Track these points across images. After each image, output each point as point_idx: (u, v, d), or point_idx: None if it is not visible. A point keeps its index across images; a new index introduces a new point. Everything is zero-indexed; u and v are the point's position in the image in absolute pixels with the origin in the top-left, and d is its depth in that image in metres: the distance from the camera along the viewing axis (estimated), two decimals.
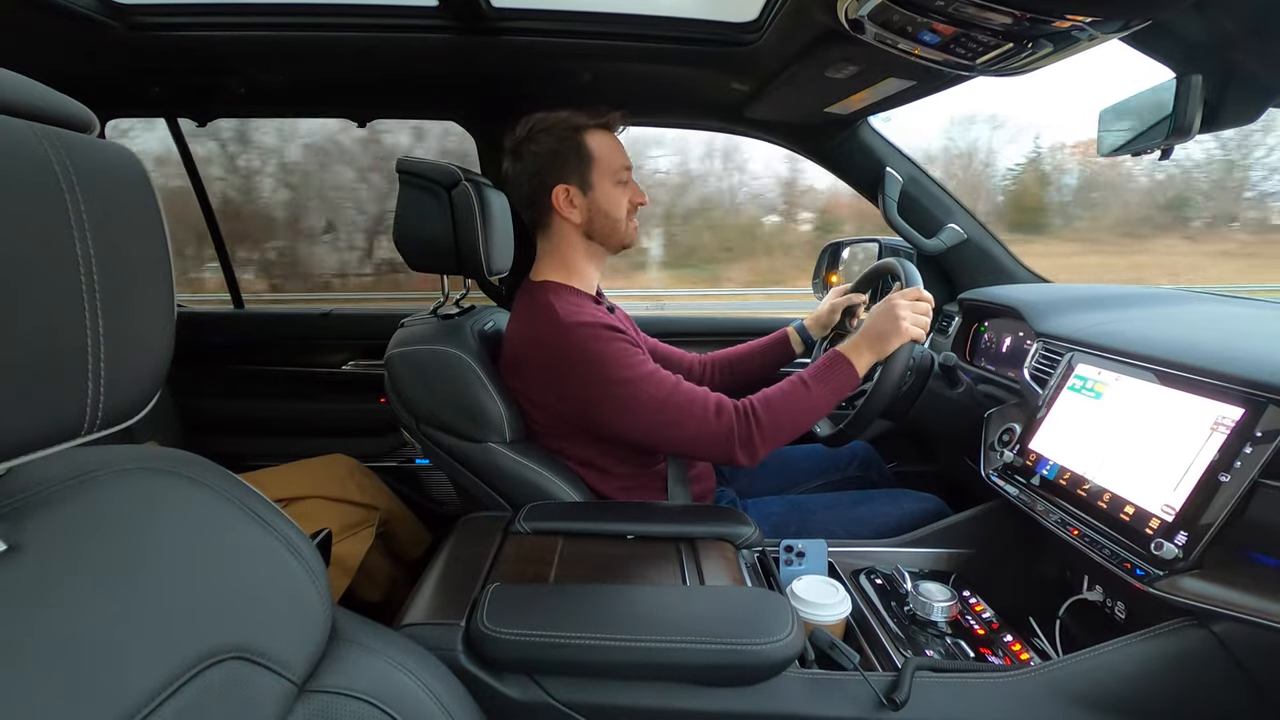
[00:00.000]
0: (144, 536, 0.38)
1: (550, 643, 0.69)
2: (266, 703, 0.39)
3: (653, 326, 1.40)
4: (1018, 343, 1.24)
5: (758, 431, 0.95)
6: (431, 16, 1.17)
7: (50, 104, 0.32)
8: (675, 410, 0.96)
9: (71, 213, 0.30)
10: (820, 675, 0.71)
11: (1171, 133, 0.83)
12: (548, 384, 1.01)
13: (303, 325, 1.87)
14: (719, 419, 0.95)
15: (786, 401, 0.98)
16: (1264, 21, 0.74)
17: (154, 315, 0.35)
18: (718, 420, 0.95)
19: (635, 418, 0.97)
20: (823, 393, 0.99)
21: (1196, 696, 0.67)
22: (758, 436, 0.95)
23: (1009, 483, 0.96)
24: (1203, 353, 0.77)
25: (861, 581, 0.97)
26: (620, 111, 1.09)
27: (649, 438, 0.98)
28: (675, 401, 0.96)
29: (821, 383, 0.99)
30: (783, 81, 1.23)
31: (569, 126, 1.05)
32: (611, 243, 1.10)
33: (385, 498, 1.56)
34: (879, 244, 1.57)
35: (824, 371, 1.00)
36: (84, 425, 0.32)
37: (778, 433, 0.97)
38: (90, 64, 1.33)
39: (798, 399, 0.98)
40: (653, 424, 0.96)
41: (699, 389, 0.98)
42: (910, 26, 0.83)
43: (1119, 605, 0.81)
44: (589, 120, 1.06)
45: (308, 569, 0.46)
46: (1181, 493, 0.70)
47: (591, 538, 0.92)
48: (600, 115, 1.06)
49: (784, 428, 0.97)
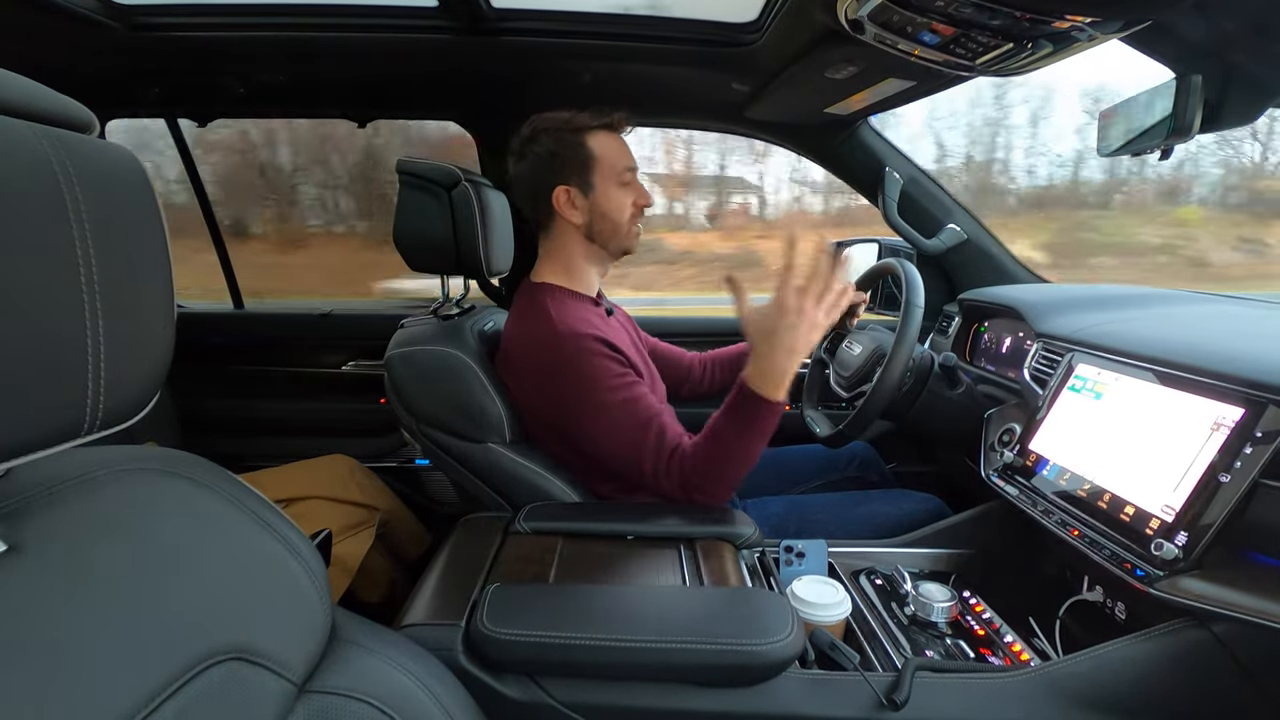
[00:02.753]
0: (144, 537, 0.38)
1: (550, 643, 0.69)
2: (266, 703, 0.39)
3: (653, 327, 1.40)
4: (1018, 343, 1.24)
5: (698, 492, 0.94)
6: (431, 17, 1.17)
7: (50, 104, 0.32)
8: (635, 448, 0.95)
9: (71, 213, 0.30)
10: (820, 675, 0.71)
11: (1171, 133, 0.83)
12: (536, 385, 1.02)
13: (302, 325, 1.87)
14: (668, 474, 0.94)
15: (711, 458, 0.92)
16: (1264, 21, 0.74)
17: (154, 315, 0.35)
18: (666, 474, 0.94)
19: (599, 440, 0.98)
20: (744, 436, 0.90)
21: (1196, 697, 0.67)
22: (698, 494, 0.95)
23: (1009, 483, 0.96)
24: (1203, 353, 0.77)
25: (861, 582, 0.97)
26: (624, 112, 1.08)
27: (607, 460, 0.99)
28: (640, 440, 0.95)
29: (741, 426, 0.90)
30: (783, 82, 1.23)
31: (571, 127, 1.05)
32: (612, 245, 1.10)
33: (385, 498, 1.56)
34: (879, 244, 1.57)
35: (739, 413, 0.90)
36: (84, 425, 0.32)
37: (717, 488, 0.94)
38: (90, 64, 1.33)
39: (722, 449, 0.91)
40: (612, 449, 0.97)
41: (669, 434, 0.95)
42: (910, 27, 0.83)
43: (1119, 605, 0.81)
44: (592, 121, 1.05)
45: (308, 569, 0.46)
46: (1181, 493, 0.70)
47: (591, 538, 0.92)
48: (603, 116, 1.06)
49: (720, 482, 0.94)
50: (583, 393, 0.96)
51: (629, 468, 0.97)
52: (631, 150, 1.10)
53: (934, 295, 1.07)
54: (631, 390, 0.98)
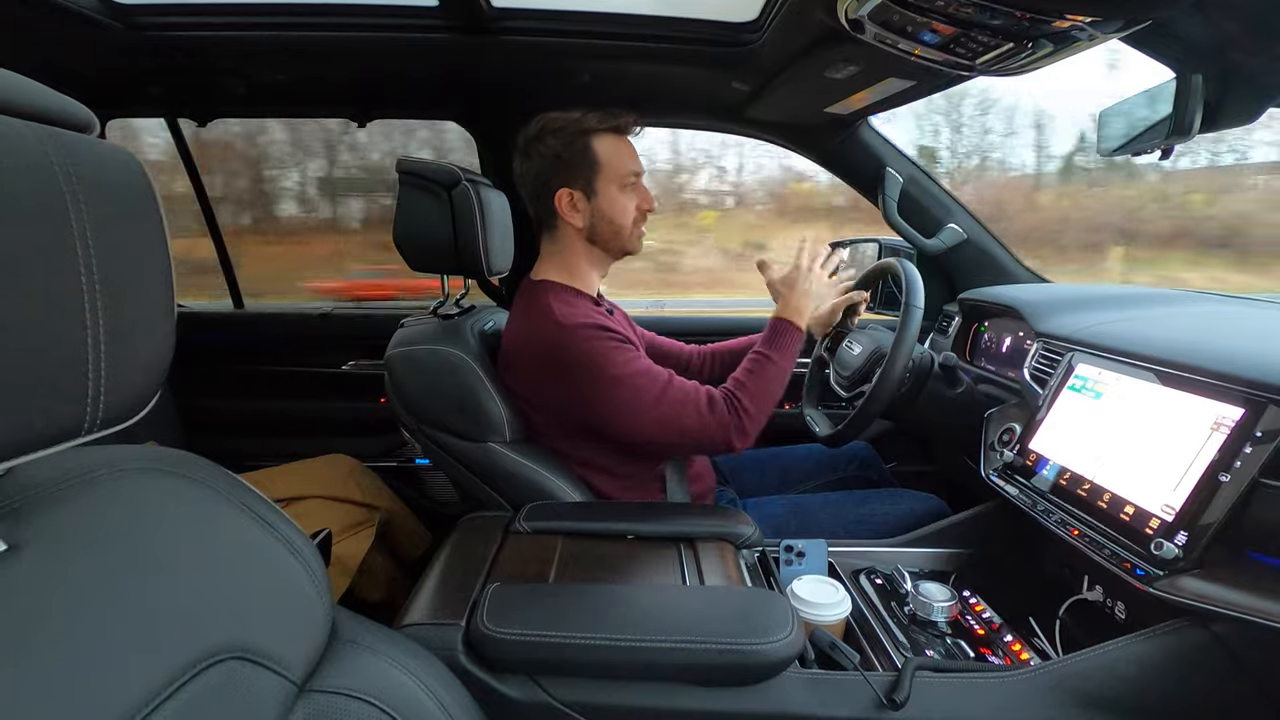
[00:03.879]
0: (144, 537, 0.38)
1: (550, 643, 0.69)
2: (266, 703, 0.39)
3: (652, 327, 1.40)
4: (1018, 343, 1.24)
5: (746, 417, 0.99)
6: (431, 16, 1.17)
7: (50, 104, 0.32)
8: (670, 405, 0.97)
9: (71, 213, 0.30)
10: (820, 675, 0.71)
11: (1171, 133, 0.83)
12: (545, 384, 1.02)
13: (302, 325, 1.87)
14: (712, 411, 0.98)
15: (759, 379, 1.03)
16: (1264, 21, 0.74)
17: (154, 315, 0.35)
18: (711, 412, 0.98)
19: (632, 416, 0.97)
20: (783, 357, 1.06)
21: (1197, 696, 0.67)
22: (748, 421, 0.99)
23: (1009, 483, 0.96)
24: (1203, 353, 0.77)
25: (861, 581, 0.97)
26: (633, 115, 1.07)
27: (646, 434, 0.98)
28: (670, 397, 0.97)
29: (779, 350, 1.07)
30: (783, 81, 1.23)
31: (577, 130, 1.04)
32: (614, 248, 1.10)
33: (385, 498, 1.56)
34: (879, 244, 1.57)
35: (777, 339, 1.08)
36: (84, 425, 0.32)
37: (761, 410, 1.02)
38: (90, 64, 1.33)
39: (768, 372, 1.04)
40: (649, 420, 0.97)
41: (689, 383, 1.01)
42: (910, 26, 0.84)
43: (1119, 605, 0.81)
44: (599, 123, 1.04)
45: (308, 569, 0.46)
46: (1181, 493, 0.70)
47: (591, 538, 0.92)
48: (612, 118, 1.05)
49: (765, 403, 1.03)
50: (595, 375, 0.96)
51: (666, 429, 0.98)
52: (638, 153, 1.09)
53: (934, 295, 1.08)
54: (640, 362, 0.99)
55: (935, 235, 1.51)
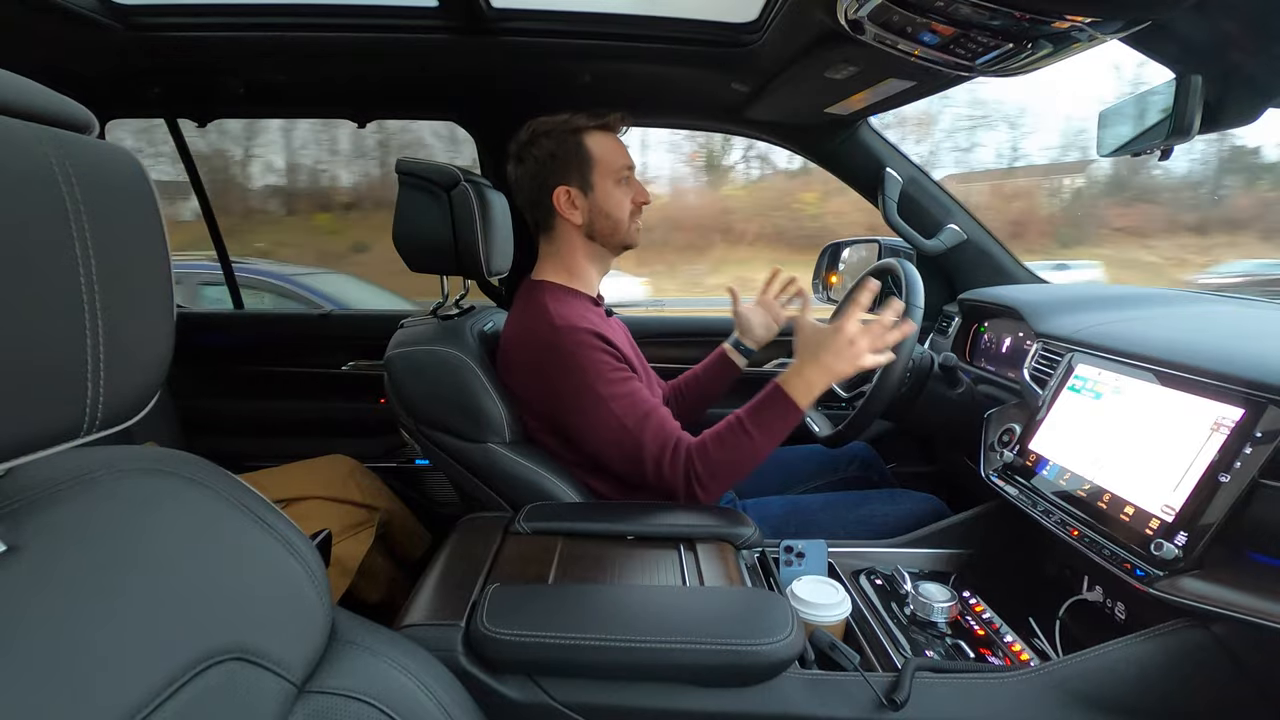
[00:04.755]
0: (144, 537, 0.38)
1: (550, 643, 0.69)
2: (266, 703, 0.39)
3: (651, 327, 1.40)
4: (1018, 343, 1.24)
5: (699, 486, 0.95)
6: (431, 17, 1.17)
7: (49, 104, 0.32)
8: (634, 439, 0.95)
9: (71, 213, 0.30)
10: (820, 676, 0.71)
11: (1171, 133, 0.83)
12: (533, 380, 1.02)
13: (302, 325, 1.87)
14: (673, 465, 0.95)
15: (726, 450, 0.94)
16: (1264, 21, 0.74)
17: (154, 315, 0.35)
18: (670, 465, 0.95)
19: (597, 433, 0.97)
20: (765, 437, 0.94)
21: (1196, 697, 0.67)
22: (700, 490, 0.95)
23: (1009, 483, 0.96)
24: (1203, 353, 0.77)
25: (861, 582, 0.97)
26: (621, 113, 1.09)
27: (606, 457, 0.99)
28: (640, 431, 0.95)
29: (764, 428, 0.94)
30: (783, 82, 1.23)
31: (569, 129, 1.05)
32: (613, 243, 1.10)
33: (385, 498, 1.56)
34: (879, 244, 1.57)
35: (766, 414, 0.94)
36: (84, 426, 0.32)
37: (719, 484, 0.96)
38: (90, 64, 1.33)
39: (742, 448, 0.94)
40: (611, 442, 0.97)
41: (668, 425, 0.97)
42: (910, 27, 0.84)
43: (1119, 605, 0.81)
44: (588, 122, 1.06)
45: (307, 569, 0.46)
46: (1181, 493, 0.70)
47: (591, 538, 0.92)
48: (600, 117, 1.07)
49: (726, 478, 0.95)
50: (580, 386, 0.96)
51: (627, 462, 0.97)
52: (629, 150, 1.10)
53: (934, 295, 1.08)
54: (628, 385, 0.98)
55: (935, 236, 1.51)
